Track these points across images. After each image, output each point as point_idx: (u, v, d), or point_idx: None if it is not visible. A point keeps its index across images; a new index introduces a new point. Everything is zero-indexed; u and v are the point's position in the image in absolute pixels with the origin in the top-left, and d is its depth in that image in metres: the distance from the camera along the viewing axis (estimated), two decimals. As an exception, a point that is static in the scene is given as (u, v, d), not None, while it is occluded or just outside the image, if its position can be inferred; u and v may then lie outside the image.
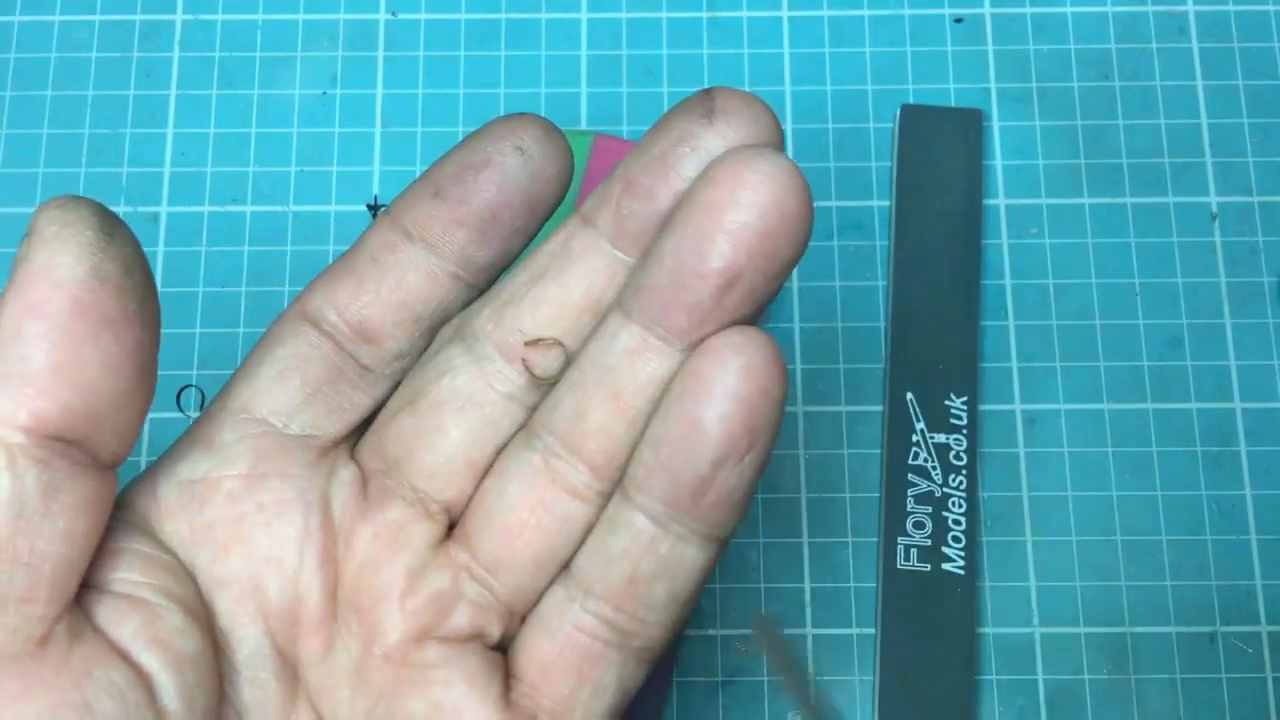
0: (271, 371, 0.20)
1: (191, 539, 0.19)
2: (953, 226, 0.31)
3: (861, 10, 0.33)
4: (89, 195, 0.32)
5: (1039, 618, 0.30)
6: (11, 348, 0.17)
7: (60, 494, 0.17)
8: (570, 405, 0.19)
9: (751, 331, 0.18)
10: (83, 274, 0.17)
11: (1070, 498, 0.30)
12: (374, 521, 0.20)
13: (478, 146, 0.20)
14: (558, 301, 0.20)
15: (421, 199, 0.20)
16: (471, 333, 0.20)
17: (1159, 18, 0.34)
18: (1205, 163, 0.32)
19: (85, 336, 0.17)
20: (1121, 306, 0.31)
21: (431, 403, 0.20)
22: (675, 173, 0.19)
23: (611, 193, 0.19)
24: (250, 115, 0.33)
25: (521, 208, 0.20)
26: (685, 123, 0.19)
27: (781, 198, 0.17)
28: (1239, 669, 0.29)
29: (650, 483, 0.19)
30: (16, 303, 0.17)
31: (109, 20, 0.33)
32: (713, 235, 0.17)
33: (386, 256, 0.20)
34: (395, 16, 0.34)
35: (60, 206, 0.17)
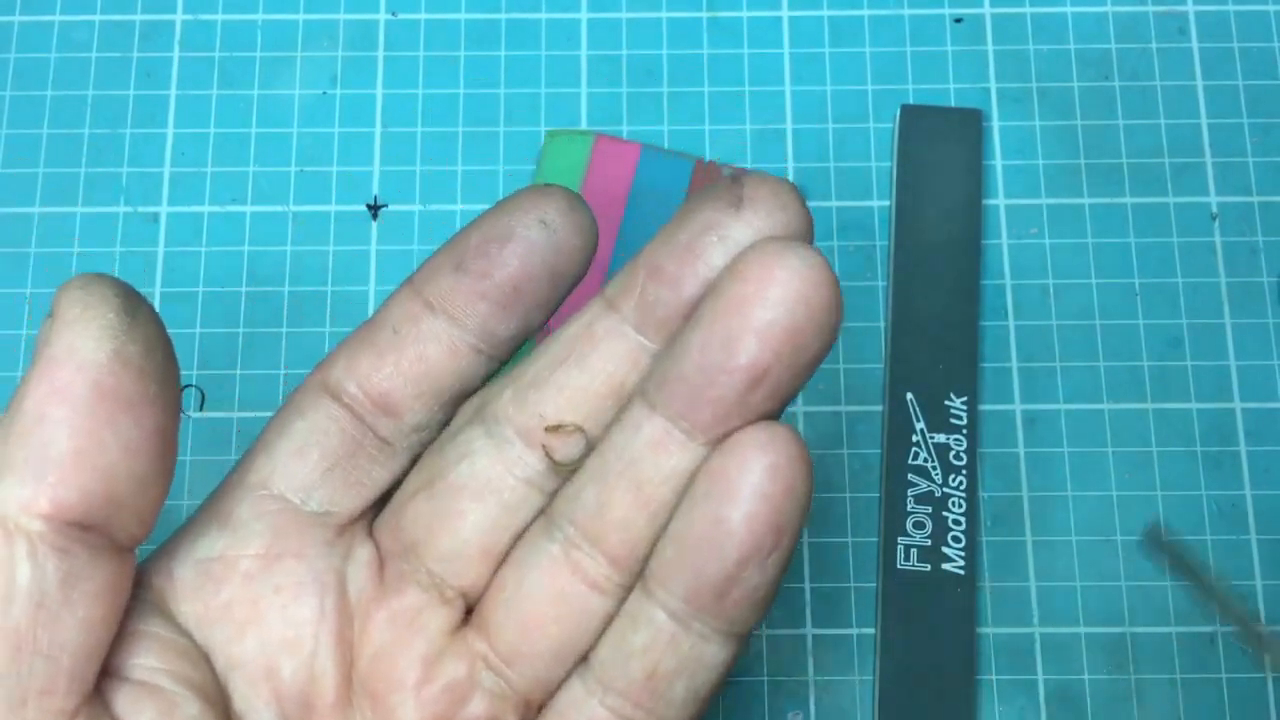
0: (291, 445, 0.20)
1: (207, 619, 0.19)
2: (953, 226, 0.31)
3: (861, 10, 0.33)
4: (89, 195, 0.32)
5: (1039, 618, 0.30)
6: (34, 433, 0.17)
7: (80, 582, 0.17)
8: (592, 496, 0.19)
9: (777, 428, 0.18)
10: (105, 357, 0.17)
11: (1070, 498, 0.30)
12: (390, 606, 0.20)
13: (501, 219, 0.19)
14: (580, 387, 0.19)
15: (444, 271, 0.20)
16: (492, 415, 0.20)
17: (1159, 18, 0.34)
18: (1205, 163, 0.32)
19: (106, 421, 0.17)
20: (1121, 306, 0.31)
21: (450, 486, 0.20)
22: (702, 261, 0.18)
23: (636, 278, 0.19)
24: (250, 115, 0.33)
25: (544, 281, 0.20)
26: (712, 211, 0.18)
27: (810, 294, 0.17)
28: (1239, 669, 0.29)
29: (672, 579, 0.18)
30: (40, 386, 0.17)
31: (109, 20, 0.33)
32: (740, 332, 0.17)
33: (408, 328, 0.20)
34: (395, 16, 0.34)
35: (82, 287, 0.17)
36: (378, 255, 0.32)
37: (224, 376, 0.31)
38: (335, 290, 0.31)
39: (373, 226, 0.32)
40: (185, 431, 0.30)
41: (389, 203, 0.32)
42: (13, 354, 0.31)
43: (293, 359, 0.31)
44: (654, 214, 0.31)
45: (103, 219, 0.32)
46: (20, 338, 0.31)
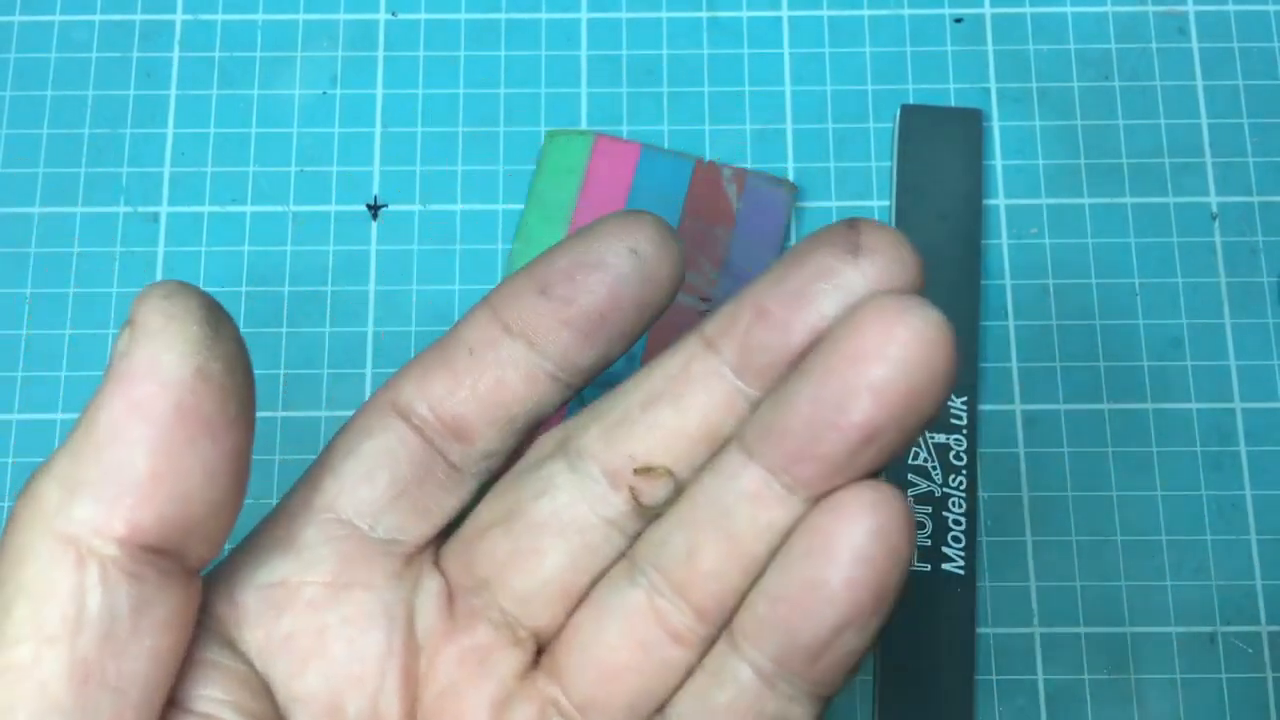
0: (359, 468, 0.19)
1: (269, 648, 0.18)
2: (953, 226, 0.31)
3: (861, 10, 0.33)
4: (89, 195, 0.32)
5: (1039, 618, 0.30)
6: (110, 450, 0.16)
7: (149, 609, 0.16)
8: (680, 543, 0.18)
9: (883, 489, 0.17)
10: (188, 374, 0.16)
11: (1070, 498, 0.30)
12: (459, 644, 0.19)
13: (591, 245, 0.19)
14: (672, 429, 0.19)
15: (527, 294, 0.19)
16: (577, 450, 0.19)
17: (1159, 18, 0.34)
18: (1205, 163, 0.32)
19: (186, 442, 0.16)
20: (1121, 306, 0.31)
21: (529, 523, 0.19)
22: (814, 309, 0.17)
23: (740, 320, 0.18)
24: (250, 115, 0.33)
25: (631, 311, 0.19)
26: (827, 257, 0.17)
27: (930, 355, 0.16)
28: (1239, 669, 0.29)
29: (763, 637, 0.18)
30: (118, 400, 0.16)
31: (109, 20, 0.33)
32: (856, 389, 0.16)
33: (485, 352, 0.19)
34: (395, 16, 0.34)
35: (166, 296, 0.17)
36: (378, 255, 0.32)
37: (224, 376, 0.31)
38: (335, 290, 0.31)
39: (373, 226, 0.32)
40: (185, 431, 0.30)
41: (389, 203, 0.32)
42: (13, 354, 0.31)
43: (293, 359, 0.31)
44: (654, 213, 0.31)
45: (103, 219, 0.32)
46: (20, 338, 0.31)
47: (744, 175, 0.31)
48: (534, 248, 0.31)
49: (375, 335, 0.31)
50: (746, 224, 0.31)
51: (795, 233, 0.32)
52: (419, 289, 0.31)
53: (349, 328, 0.31)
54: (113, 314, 0.31)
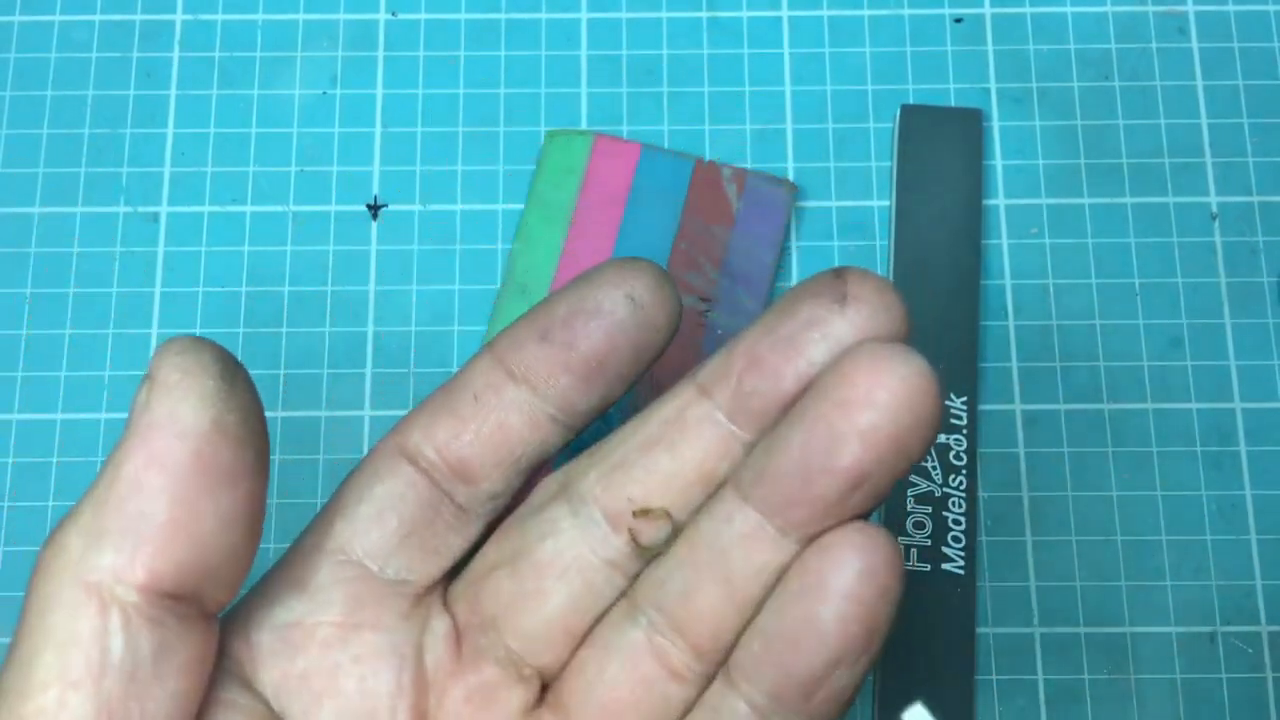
0: (370, 511, 0.20)
1: (284, 687, 0.19)
2: (953, 226, 0.31)
3: (861, 10, 0.33)
4: (89, 195, 0.32)
5: (1039, 618, 0.30)
6: (131, 500, 0.16)
7: (170, 653, 0.17)
8: (679, 584, 0.19)
9: (872, 530, 0.18)
10: (205, 426, 0.17)
11: (1070, 498, 0.30)
12: (467, 681, 0.20)
13: (589, 292, 0.20)
14: (669, 472, 0.19)
15: (528, 341, 0.20)
16: (578, 494, 0.20)
17: (1159, 18, 0.34)
18: (1205, 163, 0.32)
19: (204, 491, 0.17)
20: (1121, 306, 0.31)
21: (534, 564, 0.20)
22: (803, 357, 0.18)
23: (733, 368, 0.19)
24: (250, 115, 0.33)
25: (628, 355, 0.20)
26: (816, 307, 0.18)
27: (916, 401, 0.17)
28: (1239, 669, 0.29)
29: (759, 674, 0.18)
30: (139, 453, 0.17)
31: (109, 20, 0.33)
32: (845, 435, 0.17)
33: (490, 397, 0.20)
34: (395, 16, 0.34)
35: (181, 352, 0.17)
36: (378, 255, 0.32)
37: (224, 376, 0.31)
38: (335, 290, 0.31)
39: (373, 226, 0.32)
40: (185, 431, 0.30)
41: (389, 203, 0.32)
42: (13, 354, 0.31)
43: (292, 359, 0.31)
44: (654, 214, 0.31)
45: (103, 219, 0.32)
46: (20, 338, 0.31)
47: (744, 175, 0.31)
48: (534, 248, 0.31)
49: (375, 335, 0.31)
50: (746, 224, 0.31)
51: (795, 233, 0.32)
52: (419, 289, 0.31)
53: (349, 328, 0.31)
54: (112, 314, 0.31)
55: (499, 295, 0.31)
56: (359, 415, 0.31)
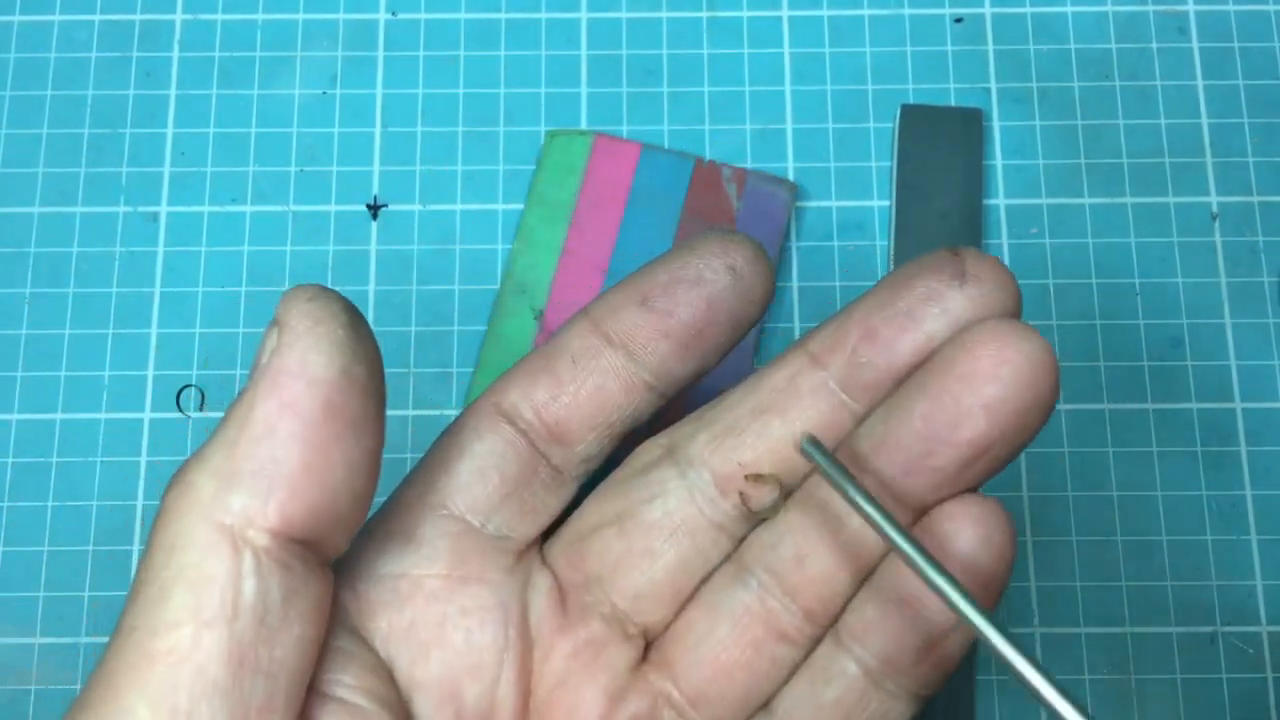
0: (471, 467, 0.20)
1: (391, 637, 0.19)
2: (953, 226, 0.31)
3: (861, 10, 0.33)
4: (89, 195, 0.32)
5: (1039, 618, 0.30)
6: (264, 445, 0.17)
7: (297, 598, 0.17)
8: (790, 548, 0.19)
9: (989, 502, 0.18)
10: (335, 374, 0.17)
11: (1070, 498, 0.30)
12: (573, 637, 0.20)
13: (691, 262, 0.20)
14: (781, 439, 0.20)
15: (628, 307, 0.20)
16: (686, 457, 0.20)
17: (1159, 18, 0.34)
18: (1205, 163, 0.32)
19: (334, 439, 0.17)
20: (1121, 306, 0.31)
21: (641, 525, 0.20)
22: (922, 330, 0.18)
23: (847, 338, 0.19)
24: (250, 115, 0.33)
25: (726, 326, 0.20)
26: (934, 282, 0.18)
27: (1038, 377, 0.17)
28: (1239, 669, 0.29)
29: (871, 638, 0.19)
30: (270, 399, 0.17)
31: (109, 20, 0.33)
32: (970, 408, 0.18)
33: (588, 361, 0.20)
34: (395, 16, 0.34)
35: (312, 299, 0.17)
36: (378, 255, 0.32)
37: (224, 376, 0.31)
38: (335, 290, 0.31)
39: (373, 226, 0.32)
40: (185, 431, 0.31)
41: (389, 203, 0.32)
42: (13, 354, 0.31)
43: (293, 359, 0.31)
44: (654, 214, 0.31)
45: (103, 219, 0.32)
46: (20, 338, 0.31)
47: (744, 175, 0.31)
48: (534, 248, 0.31)
49: (375, 335, 0.31)
50: (746, 224, 0.31)
51: (795, 233, 0.32)
52: (419, 289, 0.31)
53: (349, 328, 0.31)
54: (112, 314, 0.31)
55: (499, 295, 0.31)
56: (359, 415, 0.31)
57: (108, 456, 0.30)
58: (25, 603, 0.29)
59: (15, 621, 0.29)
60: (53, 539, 0.30)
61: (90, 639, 0.29)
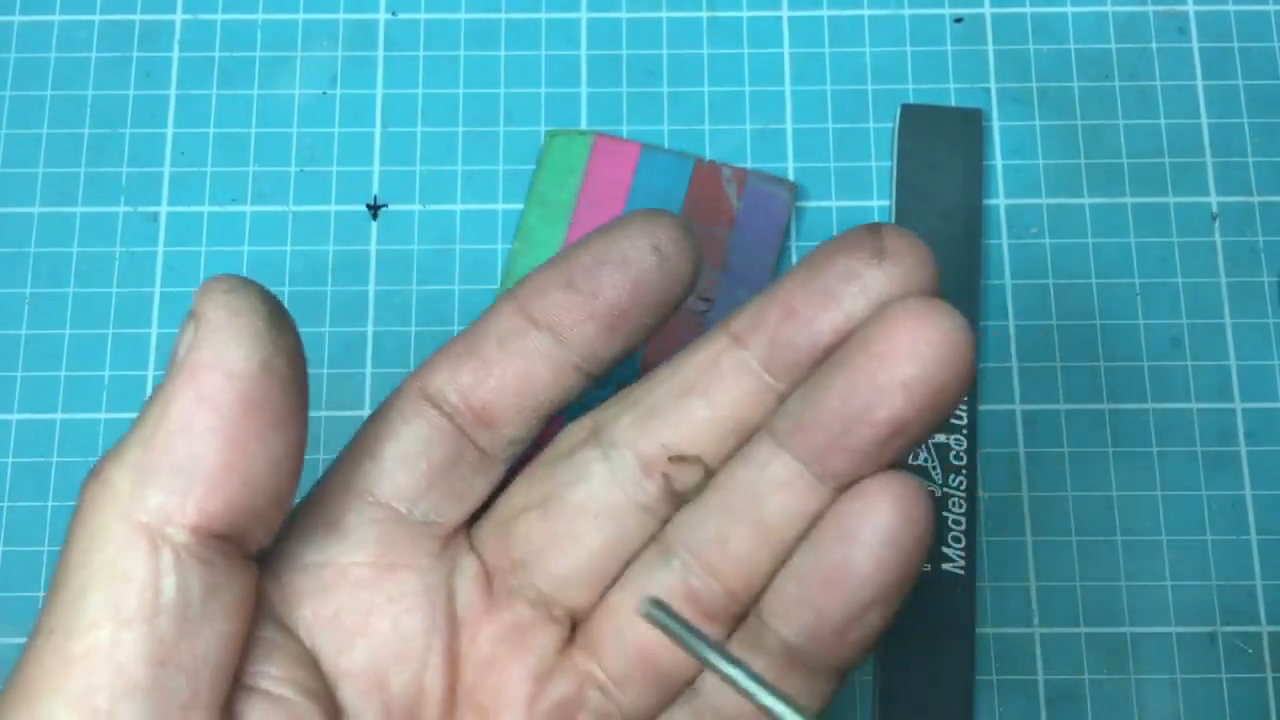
0: (396, 452, 0.20)
1: (316, 626, 0.19)
2: (953, 226, 0.31)
3: (861, 10, 0.33)
4: (89, 195, 0.32)
5: (1039, 618, 0.30)
6: (181, 440, 0.16)
7: (218, 594, 0.17)
8: (712, 528, 0.19)
9: (908, 480, 0.18)
10: (254, 368, 0.17)
11: (1070, 498, 0.30)
12: (499, 620, 0.20)
13: (615, 242, 0.20)
14: (704, 420, 0.20)
15: (552, 289, 0.20)
16: (610, 439, 0.20)
17: (1159, 18, 0.34)
18: (1205, 163, 0.32)
19: (254, 433, 0.17)
20: (1121, 306, 0.31)
21: (566, 507, 0.20)
22: (840, 309, 0.18)
23: (768, 317, 0.19)
24: (250, 115, 0.33)
25: (652, 306, 0.20)
26: (852, 260, 0.18)
27: (954, 356, 0.17)
28: (1239, 669, 0.29)
29: (792, 615, 0.19)
30: (187, 392, 0.16)
31: (109, 20, 0.33)
32: (887, 386, 0.18)
33: (514, 342, 0.20)
34: (395, 16, 0.34)
35: (229, 291, 0.17)
36: (378, 255, 0.32)
37: (224, 376, 0.31)
38: (335, 290, 0.31)
39: (373, 226, 0.32)
40: (185, 431, 0.30)
41: (389, 203, 0.32)
42: (13, 354, 0.31)
43: (293, 359, 0.31)
44: (654, 214, 0.31)
45: (103, 219, 0.32)
46: (20, 338, 0.31)
47: (744, 175, 0.31)
48: (534, 248, 0.31)
49: (375, 335, 0.31)
50: (746, 224, 0.31)
51: (795, 232, 0.32)
52: (419, 289, 0.31)
53: (349, 328, 0.31)
54: (112, 314, 0.31)
55: (499, 295, 0.31)
56: (359, 415, 0.31)
57: (108, 456, 0.30)
58: (25, 603, 0.29)
59: (15, 621, 0.29)
60: (53, 539, 0.30)
61: (90, 639, 0.29)
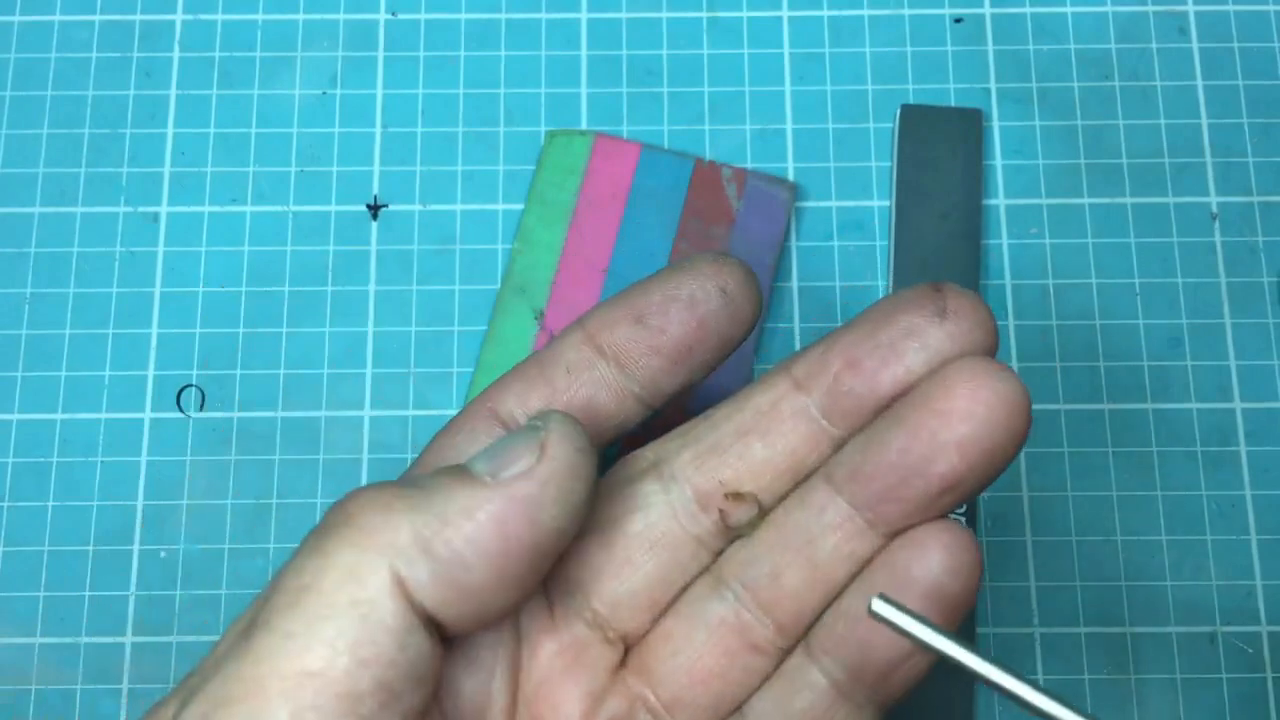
0: None
1: None
2: (953, 226, 0.31)
3: (861, 10, 0.33)
4: (89, 195, 0.32)
5: (1039, 618, 0.30)
6: (468, 550, 0.17)
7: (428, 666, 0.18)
8: (766, 565, 0.20)
9: (958, 530, 0.19)
10: (557, 530, 0.18)
11: (1070, 498, 0.30)
12: (558, 638, 0.21)
13: (684, 282, 0.21)
14: (762, 460, 0.20)
15: (622, 322, 0.21)
16: (670, 472, 0.21)
17: (1159, 18, 0.34)
18: (1205, 163, 0.32)
19: (519, 580, 0.18)
20: (1121, 306, 0.31)
21: (624, 535, 0.21)
22: (902, 364, 0.19)
23: (829, 366, 0.20)
24: (250, 115, 0.33)
25: (715, 344, 0.21)
26: (915, 317, 0.19)
27: (1011, 417, 0.18)
28: (1239, 669, 0.29)
29: (840, 652, 0.20)
30: (496, 514, 0.18)
31: (109, 20, 0.33)
32: (945, 444, 0.18)
33: (581, 371, 0.21)
34: (395, 16, 0.34)
35: (580, 451, 0.18)
36: (378, 255, 0.32)
37: (224, 376, 0.31)
38: (335, 290, 0.31)
39: (373, 226, 0.32)
40: (185, 431, 0.30)
41: (389, 203, 0.32)
42: (13, 354, 0.31)
43: (292, 359, 0.31)
44: (654, 214, 0.31)
45: (103, 219, 0.32)
46: (20, 338, 0.31)
47: (744, 175, 0.31)
48: (534, 248, 0.31)
49: (375, 335, 0.31)
50: (746, 224, 0.31)
51: (795, 232, 0.32)
52: (419, 289, 0.31)
53: (349, 328, 0.31)
54: (112, 314, 0.31)
55: (499, 295, 0.31)
56: (359, 415, 0.31)
57: (108, 456, 0.30)
58: (25, 603, 0.29)
59: (15, 621, 0.29)
60: (53, 539, 0.30)
61: (90, 639, 0.29)
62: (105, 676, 0.29)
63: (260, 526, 0.30)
